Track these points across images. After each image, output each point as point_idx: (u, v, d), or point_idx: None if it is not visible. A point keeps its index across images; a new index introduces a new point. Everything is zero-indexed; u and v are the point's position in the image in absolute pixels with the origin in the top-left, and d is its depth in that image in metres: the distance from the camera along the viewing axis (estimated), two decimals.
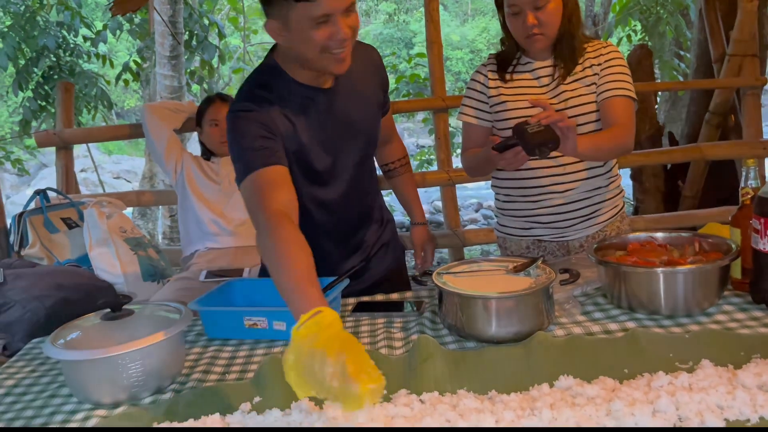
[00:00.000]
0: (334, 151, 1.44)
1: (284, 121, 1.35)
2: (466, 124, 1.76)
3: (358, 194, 1.56)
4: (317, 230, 1.48)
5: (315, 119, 1.40)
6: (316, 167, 1.43)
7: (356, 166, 1.51)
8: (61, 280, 1.71)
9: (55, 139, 2.80)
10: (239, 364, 1.19)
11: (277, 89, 1.36)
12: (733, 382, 0.94)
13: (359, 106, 1.48)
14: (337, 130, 1.43)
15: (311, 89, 1.38)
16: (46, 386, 1.17)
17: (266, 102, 1.33)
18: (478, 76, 1.75)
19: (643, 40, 5.98)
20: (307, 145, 1.39)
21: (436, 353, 1.09)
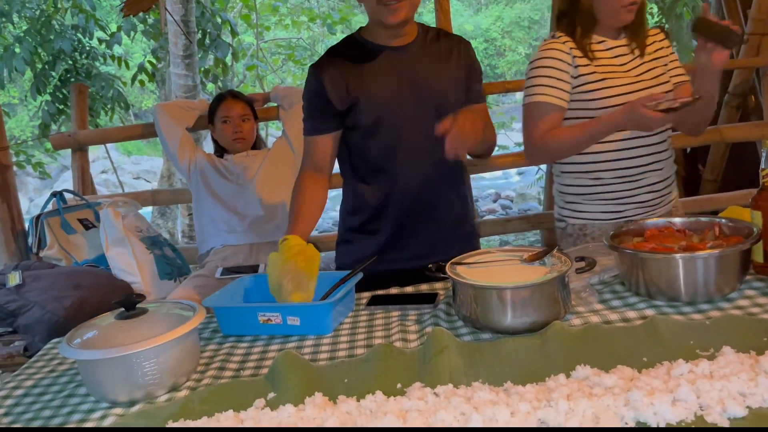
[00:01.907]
0: (395, 104, 1.56)
1: (339, 79, 1.55)
2: (544, 104, 1.64)
3: (423, 165, 1.60)
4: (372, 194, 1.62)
5: (382, 75, 1.56)
6: (376, 118, 1.56)
7: (424, 137, 1.55)
8: (79, 281, 1.73)
9: (70, 141, 2.83)
10: (254, 360, 1.19)
11: (349, 49, 1.59)
12: (755, 368, 0.91)
13: (432, 70, 1.59)
14: (404, 87, 1.56)
15: (382, 48, 1.57)
16: (65, 386, 1.18)
17: (329, 65, 1.57)
18: (558, 54, 1.63)
19: (660, 22, 5.88)
20: (369, 97, 1.55)
21: (450, 345, 1.08)
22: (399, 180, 1.61)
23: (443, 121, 1.38)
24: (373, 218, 1.65)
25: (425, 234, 1.65)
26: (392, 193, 1.62)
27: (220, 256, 2.19)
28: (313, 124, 1.61)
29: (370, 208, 1.65)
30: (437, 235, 1.66)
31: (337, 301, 1.27)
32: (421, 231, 1.65)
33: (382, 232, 1.65)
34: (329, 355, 1.17)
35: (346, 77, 1.55)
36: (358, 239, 1.69)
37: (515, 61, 17.97)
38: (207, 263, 2.19)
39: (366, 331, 1.26)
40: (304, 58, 9.83)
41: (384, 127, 1.57)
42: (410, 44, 1.59)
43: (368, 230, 1.66)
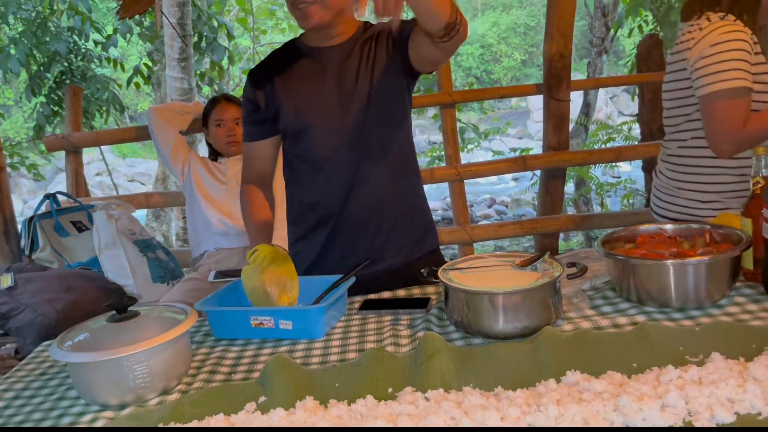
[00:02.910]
0: (318, 108, 1.52)
1: (268, 85, 1.54)
2: (745, 89, 1.56)
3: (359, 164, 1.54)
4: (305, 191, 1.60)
5: (302, 75, 1.54)
6: (297, 123, 1.53)
7: (357, 138, 1.52)
8: (71, 283, 1.72)
9: (63, 143, 2.82)
10: (245, 363, 1.19)
11: (283, 53, 1.58)
12: (744, 374, 0.92)
13: (360, 70, 1.52)
14: (324, 87, 1.52)
15: (312, 49, 1.55)
16: (55, 389, 1.18)
17: (263, 70, 1.57)
18: (746, 36, 1.57)
19: (655, 30, 5.91)
20: (298, 98, 1.53)
21: (442, 350, 1.08)
22: (332, 184, 1.56)
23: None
24: (311, 226, 1.62)
25: (367, 238, 1.59)
26: (324, 200, 1.58)
27: (213, 260, 2.19)
28: (248, 129, 1.61)
29: (306, 214, 1.62)
30: (380, 238, 1.59)
31: (329, 305, 1.27)
32: (363, 235, 1.59)
33: (319, 239, 1.61)
34: (321, 359, 1.17)
35: (275, 82, 1.54)
36: (303, 247, 1.65)
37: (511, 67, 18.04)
38: (200, 266, 2.19)
39: (358, 335, 1.26)
40: None
41: (312, 131, 1.53)
42: (342, 44, 1.54)
43: (309, 237, 1.63)
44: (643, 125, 3.71)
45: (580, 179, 5.47)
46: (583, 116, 5.91)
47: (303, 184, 1.61)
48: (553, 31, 3.04)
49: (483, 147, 7.15)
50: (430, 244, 1.70)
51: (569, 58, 3.06)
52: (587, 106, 5.87)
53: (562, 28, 3.02)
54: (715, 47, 1.58)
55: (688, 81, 1.70)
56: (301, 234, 1.65)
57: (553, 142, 3.17)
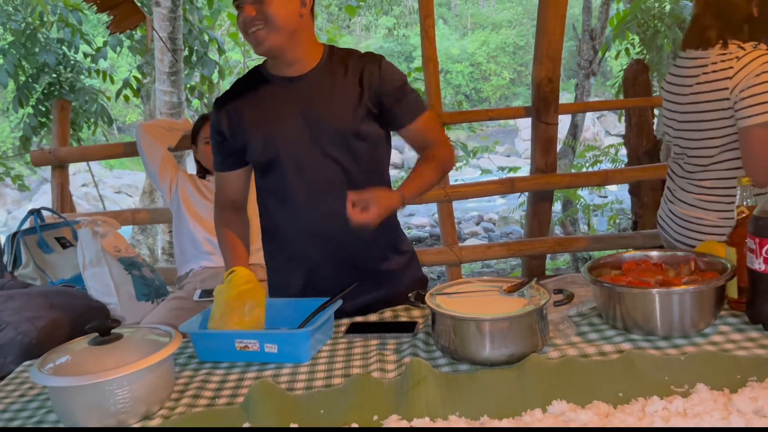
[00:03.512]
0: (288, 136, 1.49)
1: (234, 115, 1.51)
2: None
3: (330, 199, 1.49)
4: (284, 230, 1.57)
5: (281, 107, 1.50)
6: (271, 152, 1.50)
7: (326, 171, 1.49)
8: (54, 301, 1.70)
9: (50, 157, 2.80)
10: (230, 388, 1.18)
11: (249, 81, 1.55)
12: (728, 406, 0.92)
13: (327, 101, 1.48)
14: (296, 117, 1.48)
15: (279, 79, 1.51)
16: (35, 411, 1.16)
17: (228, 100, 1.54)
18: None
19: (641, 53, 6.00)
20: (263, 129, 1.50)
21: (428, 377, 1.08)
22: (303, 219, 1.52)
23: (350, 199, 1.31)
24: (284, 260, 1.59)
25: (342, 273, 1.53)
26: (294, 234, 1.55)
27: (199, 278, 2.18)
28: (217, 159, 1.58)
29: (280, 247, 1.59)
30: (355, 273, 1.52)
31: (315, 329, 1.26)
32: (338, 270, 1.54)
33: (297, 274, 1.57)
34: (306, 384, 1.16)
35: (241, 112, 1.50)
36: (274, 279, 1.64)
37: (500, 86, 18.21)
38: (185, 285, 2.17)
39: (344, 359, 1.25)
40: None
41: (281, 163, 1.49)
42: (308, 73, 1.49)
43: (283, 270, 1.60)
44: (630, 149, 3.75)
45: (567, 200, 5.51)
46: (570, 137, 5.97)
47: (273, 217, 1.58)
48: (541, 56, 3.08)
49: (471, 164, 7.19)
50: (412, 275, 1.66)
51: (557, 82, 3.10)
52: (575, 127, 5.93)
53: (551, 53, 3.06)
54: (760, 77, 1.61)
55: (727, 111, 1.69)
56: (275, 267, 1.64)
57: (540, 165, 3.19)
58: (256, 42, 1.42)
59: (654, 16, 6.01)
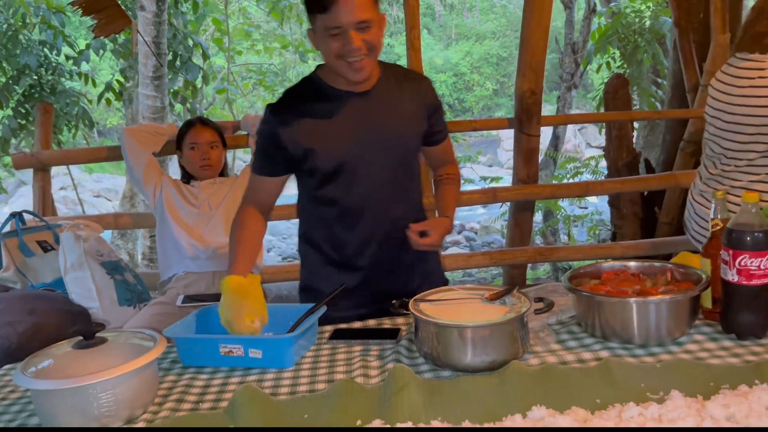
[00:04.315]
0: (359, 154, 1.53)
1: (295, 126, 1.51)
2: None
3: (386, 208, 1.60)
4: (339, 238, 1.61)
5: (343, 122, 1.52)
6: (333, 166, 1.53)
7: (386, 181, 1.58)
8: (35, 305, 1.68)
9: (32, 160, 2.78)
10: (213, 392, 1.18)
11: (301, 92, 1.56)
12: (701, 413, 0.95)
13: (392, 117, 1.56)
14: (361, 132, 1.53)
15: (344, 93, 1.53)
16: (16, 415, 1.15)
17: (287, 109, 1.54)
18: None
19: (622, 67, 6.11)
20: (327, 143, 1.52)
21: (411, 383, 1.09)
22: (361, 224, 1.59)
23: (413, 229, 1.49)
24: (333, 269, 1.64)
25: (392, 277, 1.64)
26: (353, 239, 1.60)
27: (182, 283, 2.17)
28: (263, 164, 1.57)
29: (331, 256, 1.63)
30: (402, 277, 1.65)
31: (299, 335, 1.28)
32: (388, 274, 1.64)
33: (349, 277, 1.61)
34: (290, 390, 1.17)
35: (302, 124, 1.51)
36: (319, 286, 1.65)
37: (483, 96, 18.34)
38: (168, 290, 2.16)
39: (328, 365, 1.27)
40: (275, 83, 9.86)
41: (344, 173, 1.54)
42: (371, 90, 1.54)
43: (332, 279, 1.62)
44: (610, 161, 3.81)
45: (548, 210, 5.58)
46: (552, 149, 6.04)
47: (330, 227, 1.61)
48: (525, 68, 3.13)
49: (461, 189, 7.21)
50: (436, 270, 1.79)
51: (540, 94, 3.15)
52: (556, 138, 6.01)
53: (534, 65, 3.11)
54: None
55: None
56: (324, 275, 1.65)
57: (522, 176, 3.24)
58: (356, 69, 1.43)
59: (634, 31, 6.13)
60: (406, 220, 1.58)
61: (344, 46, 1.40)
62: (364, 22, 1.39)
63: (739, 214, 1.22)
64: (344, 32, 1.39)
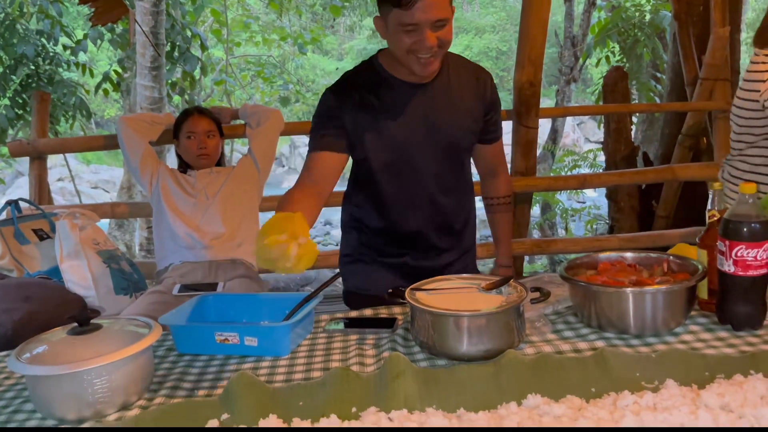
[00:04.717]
0: (416, 145, 1.54)
1: (355, 109, 1.50)
2: None
3: (434, 200, 1.61)
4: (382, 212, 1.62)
5: (402, 110, 1.52)
6: (387, 156, 1.53)
7: (436, 175, 1.59)
8: (30, 293, 1.69)
9: (28, 149, 2.77)
10: (209, 380, 1.18)
11: (365, 78, 1.54)
12: (696, 402, 0.95)
13: (448, 109, 1.56)
14: (421, 124, 1.53)
15: (404, 83, 1.52)
16: (10, 401, 1.15)
17: (347, 93, 1.52)
18: None
19: (621, 61, 6.11)
20: (392, 134, 1.52)
21: (406, 371, 1.09)
22: (407, 213, 1.61)
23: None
24: (381, 249, 1.67)
25: (433, 265, 1.67)
26: (398, 226, 1.63)
27: (179, 273, 2.17)
28: (321, 141, 1.51)
29: (378, 236, 1.66)
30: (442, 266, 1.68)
31: (295, 323, 1.27)
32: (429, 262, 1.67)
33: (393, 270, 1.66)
34: (285, 377, 1.17)
35: (362, 108, 1.51)
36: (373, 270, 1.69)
37: None
38: (165, 279, 2.16)
39: (323, 353, 1.27)
40: (273, 75, 9.84)
41: (395, 162, 1.55)
42: (432, 82, 1.53)
43: (379, 272, 1.68)
44: (608, 154, 3.81)
45: (546, 204, 5.59)
46: (550, 142, 6.04)
47: (378, 208, 1.62)
48: (523, 60, 3.12)
49: None
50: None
51: (539, 86, 3.14)
52: (555, 132, 6.01)
53: (533, 57, 3.10)
54: None
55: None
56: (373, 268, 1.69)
57: (520, 168, 3.23)
58: (424, 65, 1.42)
59: (634, 25, 6.13)
60: (453, 214, 1.62)
61: (418, 42, 1.39)
62: (441, 20, 1.38)
63: (736, 205, 1.21)
64: (420, 29, 1.37)
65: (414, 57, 1.42)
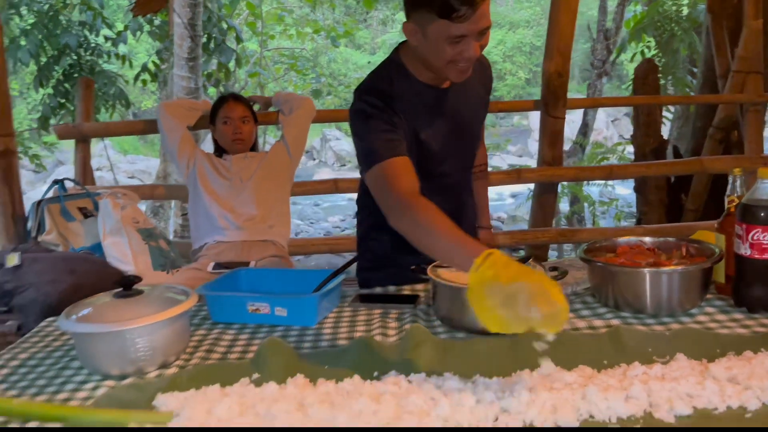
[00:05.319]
0: (446, 149, 1.56)
1: (402, 117, 1.44)
2: None
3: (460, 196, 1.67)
4: None
5: (431, 117, 1.51)
6: (430, 164, 1.52)
7: (462, 169, 1.65)
8: (75, 266, 1.79)
9: (74, 131, 2.91)
10: (241, 345, 1.26)
11: (399, 84, 1.47)
12: (704, 374, 0.99)
13: (468, 107, 1.59)
14: (449, 128, 1.55)
15: (429, 88, 1.50)
16: (59, 359, 1.24)
17: (388, 98, 1.44)
18: None
19: (657, 56, 6.02)
20: (425, 141, 1.51)
21: (427, 341, 1.15)
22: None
23: None
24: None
25: None
26: None
27: (213, 252, 2.26)
28: (391, 145, 1.40)
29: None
30: None
31: (323, 294, 1.34)
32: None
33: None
34: (312, 345, 1.24)
35: (405, 113, 1.45)
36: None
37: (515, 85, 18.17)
38: (200, 258, 2.26)
39: (348, 325, 1.33)
40: (306, 68, 9.95)
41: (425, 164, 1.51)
42: (453, 85, 1.52)
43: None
44: (637, 147, 3.80)
45: (575, 197, 5.57)
46: (581, 136, 6.01)
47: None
48: (552, 51, 3.15)
49: None
50: None
51: (567, 76, 3.16)
52: (585, 126, 5.97)
53: (561, 48, 3.12)
54: None
55: None
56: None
57: (547, 157, 3.26)
58: (462, 71, 1.39)
59: (671, 19, 6.03)
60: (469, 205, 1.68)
61: (462, 53, 1.33)
62: (486, 28, 1.34)
63: (754, 190, 1.24)
64: (466, 40, 1.32)
65: (453, 66, 1.37)
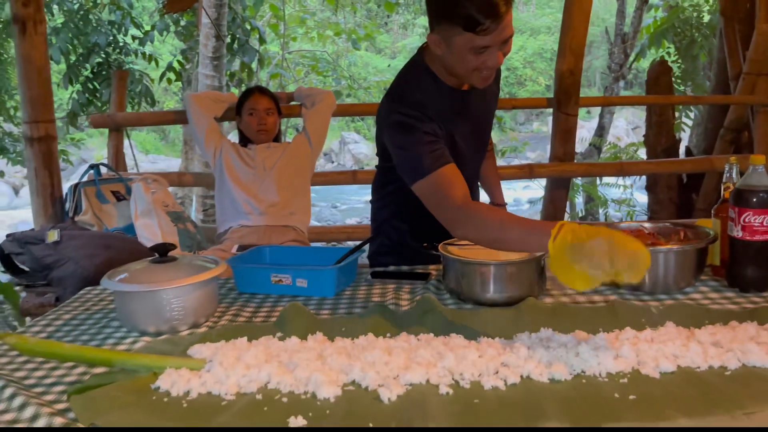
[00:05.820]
0: (470, 148, 1.64)
1: (437, 124, 1.47)
2: None
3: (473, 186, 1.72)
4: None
5: (458, 119, 1.57)
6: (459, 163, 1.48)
7: (479, 161, 1.74)
8: (110, 242, 1.91)
9: (108, 121, 3.09)
10: (265, 312, 1.36)
11: (429, 90, 1.50)
12: (690, 339, 1.07)
13: (486, 104, 1.67)
14: (472, 128, 1.62)
15: (454, 91, 1.54)
16: (99, 320, 1.35)
17: (422, 106, 1.46)
18: None
19: (676, 62, 6.04)
20: (458, 143, 1.57)
21: (436, 308, 1.25)
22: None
23: None
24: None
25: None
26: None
27: (237, 235, 2.39)
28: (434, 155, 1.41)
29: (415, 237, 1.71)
30: None
31: (341, 268, 1.45)
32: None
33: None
34: (330, 312, 1.34)
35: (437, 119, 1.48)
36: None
37: (535, 92, 18.17)
38: (224, 240, 2.38)
39: (364, 296, 1.43)
40: (327, 70, 10.09)
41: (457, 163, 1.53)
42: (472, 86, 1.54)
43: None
44: (649, 146, 3.86)
45: (589, 197, 5.62)
46: (596, 138, 6.05)
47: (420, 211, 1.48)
48: (565, 50, 3.24)
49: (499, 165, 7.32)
50: None
51: (579, 75, 3.25)
52: (601, 128, 6.02)
53: (574, 47, 3.22)
54: None
55: None
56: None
57: (559, 153, 3.34)
58: (485, 78, 1.42)
59: (691, 25, 6.05)
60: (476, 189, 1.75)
61: (486, 62, 1.37)
62: (509, 37, 1.36)
63: (747, 175, 1.32)
64: (491, 50, 1.35)
65: (477, 73, 1.40)
